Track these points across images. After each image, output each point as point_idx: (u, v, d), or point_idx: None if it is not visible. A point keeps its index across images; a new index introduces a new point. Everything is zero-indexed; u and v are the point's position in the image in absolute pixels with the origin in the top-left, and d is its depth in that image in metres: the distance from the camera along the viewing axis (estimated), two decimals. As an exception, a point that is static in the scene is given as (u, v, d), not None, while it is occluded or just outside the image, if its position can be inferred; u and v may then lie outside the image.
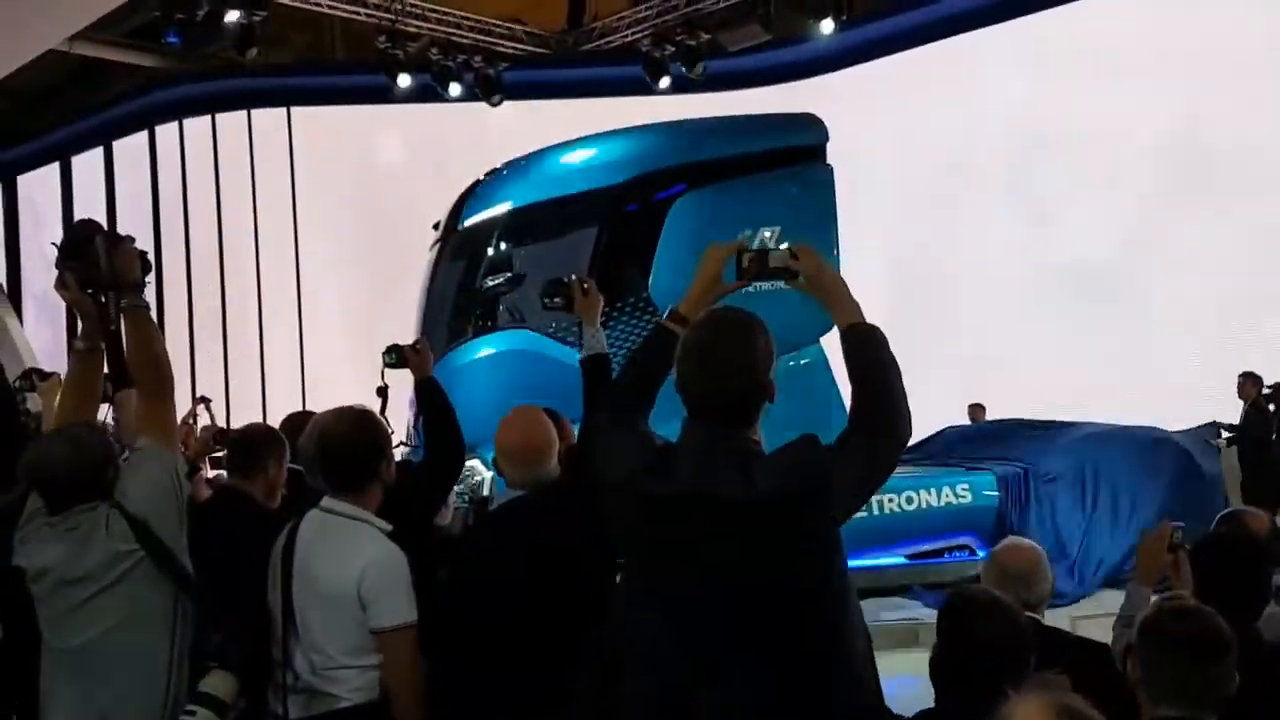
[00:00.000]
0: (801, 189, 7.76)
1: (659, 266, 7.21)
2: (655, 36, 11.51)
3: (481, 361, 7.25)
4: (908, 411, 1.96)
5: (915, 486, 7.57)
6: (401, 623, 2.39)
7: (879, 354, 1.99)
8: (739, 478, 1.87)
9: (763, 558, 1.86)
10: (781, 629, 1.87)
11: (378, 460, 2.55)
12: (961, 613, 2.31)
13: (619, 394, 2.17)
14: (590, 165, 7.71)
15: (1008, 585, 2.73)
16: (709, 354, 1.94)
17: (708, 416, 1.95)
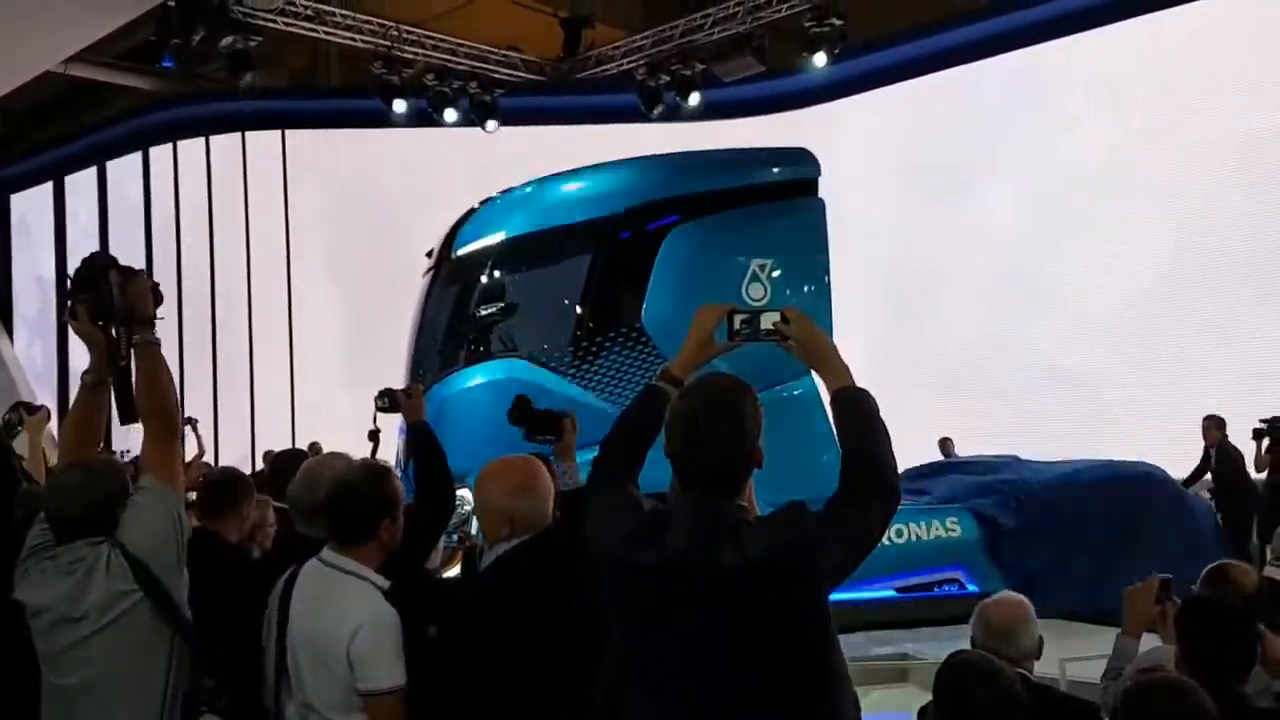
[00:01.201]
0: (793, 222, 7.79)
1: (652, 296, 7.23)
2: (650, 66, 11.58)
3: (473, 390, 7.24)
4: (896, 476, 1.96)
5: (905, 520, 7.57)
6: (389, 687, 2.35)
7: (868, 418, 1.99)
8: (728, 548, 1.87)
9: (753, 629, 1.85)
10: (772, 702, 1.86)
11: (385, 518, 2.50)
12: (958, 678, 2.34)
13: (609, 456, 2.16)
14: (585, 195, 7.74)
15: (993, 640, 2.77)
16: (698, 425, 1.94)
17: (697, 485, 1.95)
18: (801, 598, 1.86)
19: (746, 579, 1.85)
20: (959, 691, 2.34)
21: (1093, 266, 10.34)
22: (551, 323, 7.43)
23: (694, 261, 7.33)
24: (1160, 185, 9.95)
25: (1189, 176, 9.82)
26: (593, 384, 7.12)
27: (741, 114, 12.07)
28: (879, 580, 7.44)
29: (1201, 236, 9.75)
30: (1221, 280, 9.62)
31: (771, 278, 7.44)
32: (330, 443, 5.32)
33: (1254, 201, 9.49)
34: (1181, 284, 9.80)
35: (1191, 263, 9.80)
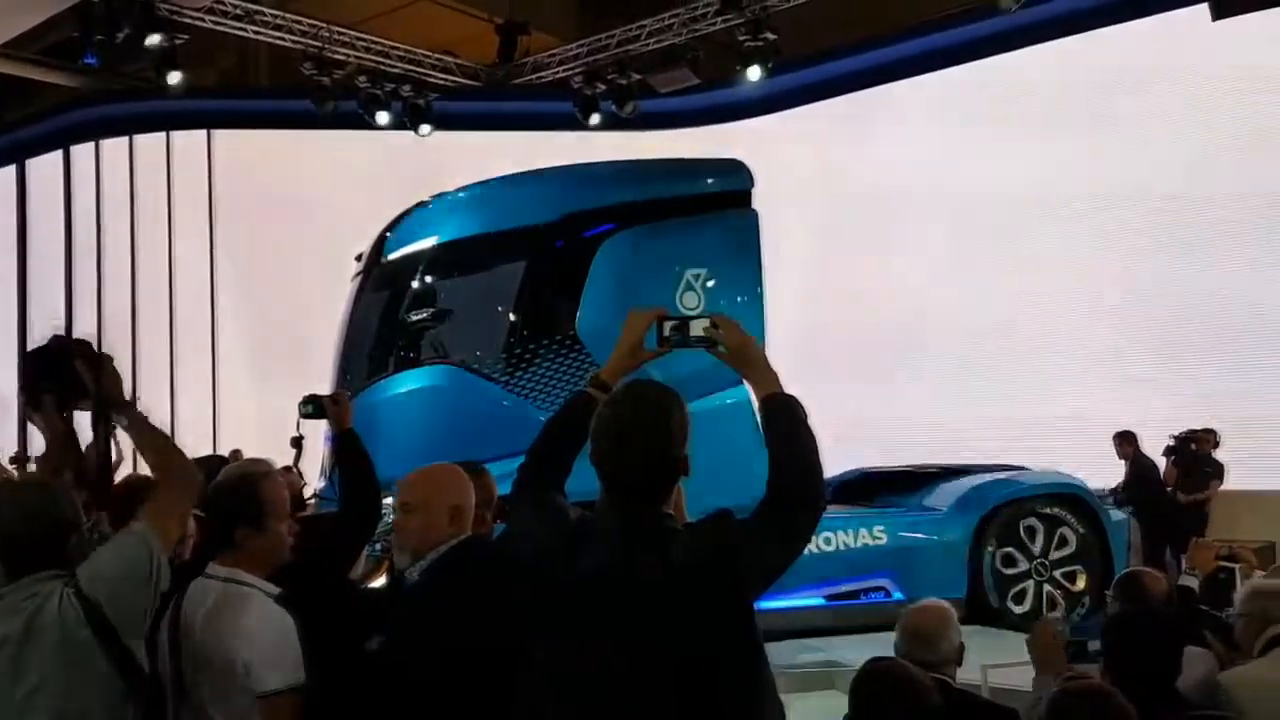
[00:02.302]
0: (728, 232, 7.83)
1: (586, 304, 7.20)
2: (587, 74, 11.58)
3: (403, 397, 7.14)
4: (823, 484, 1.97)
5: (834, 528, 7.65)
6: (278, 687, 2.30)
7: (797, 425, 1.99)
8: (654, 557, 1.87)
9: (678, 639, 1.84)
10: (699, 711, 1.85)
11: (240, 526, 2.45)
12: (872, 686, 2.37)
13: (534, 463, 2.14)
14: (519, 202, 7.69)
15: (915, 646, 2.82)
16: (623, 432, 1.94)
17: (622, 493, 1.95)
18: (727, 606, 1.86)
19: (671, 588, 1.84)
20: (873, 700, 2.37)
21: (1023, 283, 10.56)
22: (484, 329, 7.36)
23: (629, 270, 7.33)
24: (1092, 203, 10.20)
25: (1120, 195, 10.08)
26: (526, 391, 7.07)
27: (676, 125, 12.12)
28: (808, 588, 7.50)
29: (1131, 253, 10.02)
30: (1151, 289, 9.88)
31: (705, 288, 7.47)
32: (254, 450, 5.21)
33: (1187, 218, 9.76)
34: (1112, 296, 10.05)
35: (1121, 277, 10.07)
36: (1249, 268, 9.46)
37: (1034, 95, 10.66)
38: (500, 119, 12.31)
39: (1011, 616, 7.65)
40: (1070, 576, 7.85)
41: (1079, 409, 9.81)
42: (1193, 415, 9.04)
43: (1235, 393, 9.21)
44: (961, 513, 7.91)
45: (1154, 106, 9.90)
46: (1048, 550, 7.89)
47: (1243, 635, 3.25)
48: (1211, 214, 9.67)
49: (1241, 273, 9.50)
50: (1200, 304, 9.67)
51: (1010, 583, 7.79)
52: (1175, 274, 9.83)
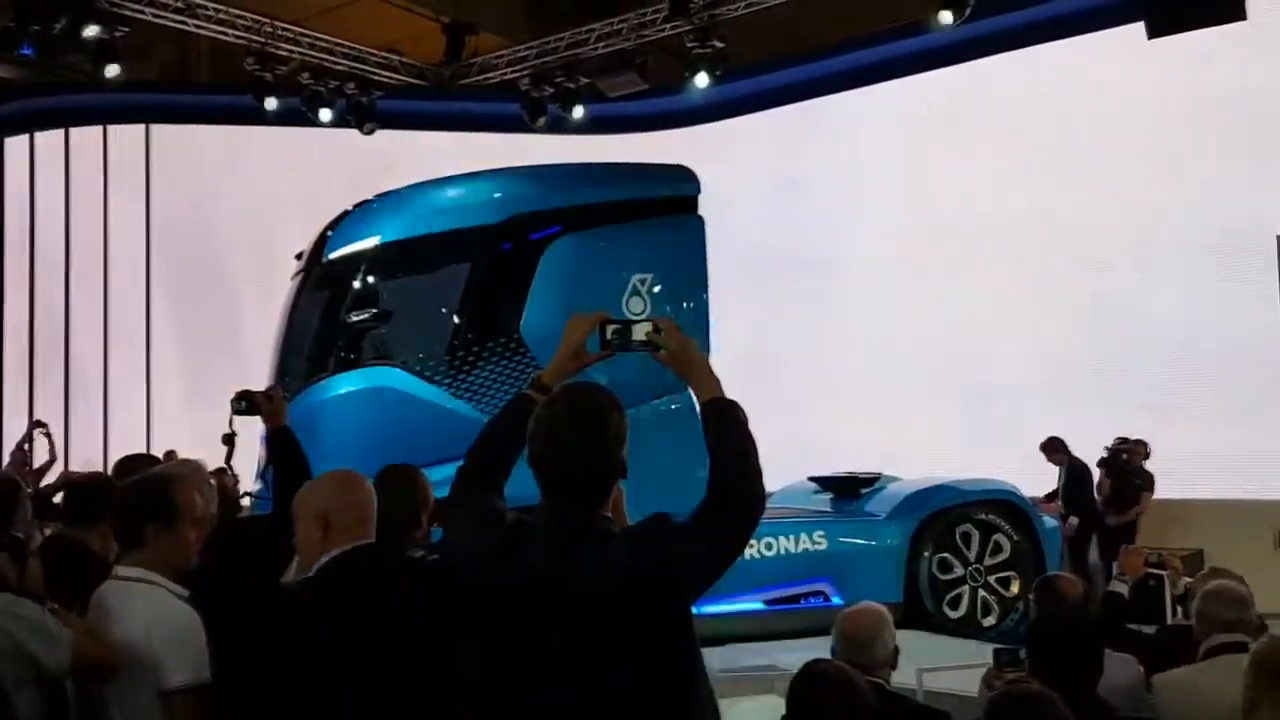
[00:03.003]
0: (674, 238, 7.87)
1: (531, 307, 7.18)
2: (534, 77, 11.55)
3: (342, 398, 7.05)
4: (762, 487, 1.98)
5: (775, 533, 7.71)
6: (179, 684, 2.27)
7: (736, 428, 2.00)
8: (590, 560, 1.86)
9: (614, 643, 1.84)
10: (635, 716, 1.85)
11: (152, 524, 2.42)
12: (810, 688, 2.41)
13: (471, 466, 2.13)
14: (465, 202, 7.65)
15: (850, 649, 2.87)
16: (560, 435, 1.93)
17: (559, 495, 1.94)
18: (665, 610, 1.86)
19: (608, 591, 1.84)
20: (811, 702, 2.40)
21: (966, 292, 10.73)
22: (427, 331, 7.31)
23: (575, 273, 7.33)
24: (1038, 216, 10.39)
25: (1063, 207, 10.29)
26: (469, 394, 7.03)
27: (625, 130, 12.14)
28: (748, 593, 7.55)
29: (1075, 264, 10.23)
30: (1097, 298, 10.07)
31: (652, 293, 7.49)
32: (188, 450, 5.12)
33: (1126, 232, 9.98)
34: (1054, 309, 10.25)
35: (1062, 287, 10.27)
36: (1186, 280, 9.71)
37: (979, 107, 10.85)
38: (446, 119, 12.23)
39: (947, 621, 7.78)
40: (1004, 582, 8.00)
41: (1015, 418, 9.99)
42: (1125, 425, 9.24)
43: (1166, 404, 9.43)
44: (899, 519, 8.02)
45: (1093, 120, 10.13)
46: (983, 556, 8.03)
47: (1198, 635, 3.35)
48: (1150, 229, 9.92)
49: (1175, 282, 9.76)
50: (1135, 316, 9.90)
51: (946, 588, 7.92)
52: (1108, 285, 10.08)
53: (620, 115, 12.11)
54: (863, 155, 11.58)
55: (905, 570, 7.86)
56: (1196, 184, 9.53)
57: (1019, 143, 10.49)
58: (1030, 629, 2.89)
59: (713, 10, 10.39)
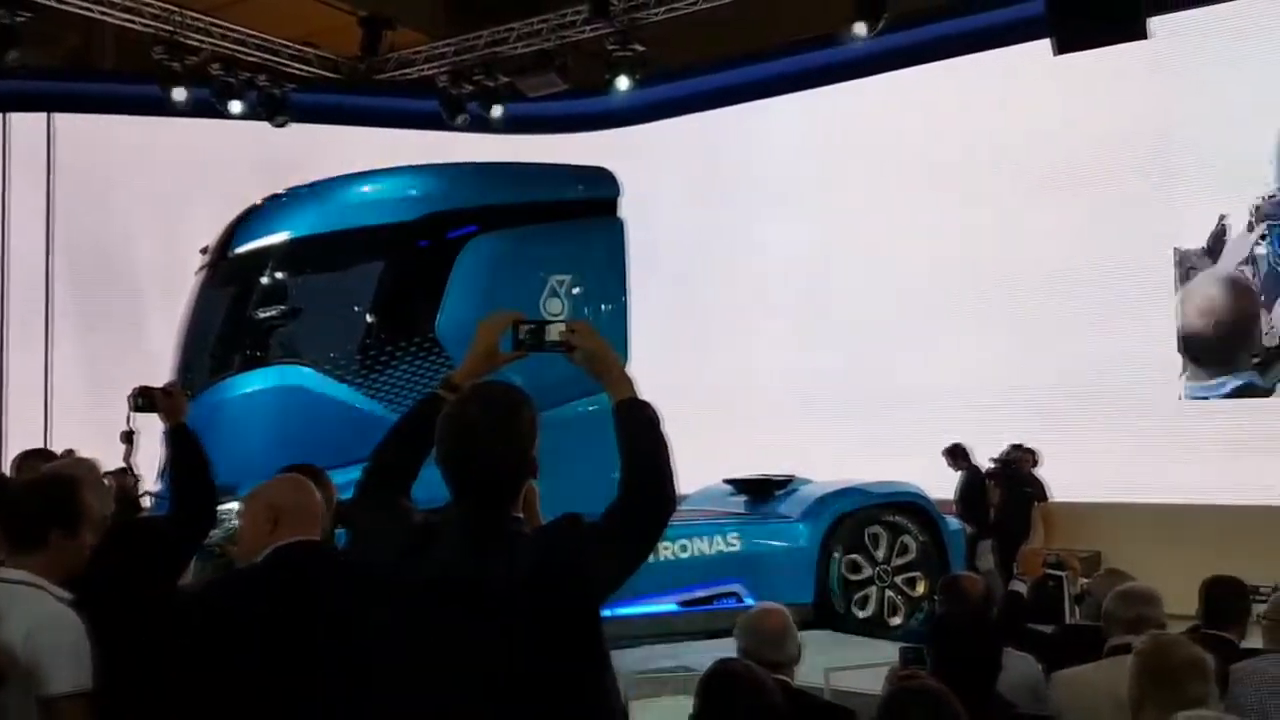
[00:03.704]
0: (594, 240, 7.86)
1: (447, 307, 7.09)
2: (453, 74, 11.44)
3: (248, 397, 6.89)
4: (673, 488, 1.97)
5: (690, 535, 7.75)
6: (68, 691, 2.20)
7: (649, 429, 1.99)
8: (499, 560, 1.84)
9: (522, 644, 1.83)
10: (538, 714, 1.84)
11: (56, 528, 2.35)
12: (719, 686, 2.43)
13: (377, 466, 2.09)
14: (379, 198, 7.53)
15: (760, 647, 2.91)
16: (469, 433, 1.91)
17: (468, 495, 1.92)
18: (573, 611, 1.85)
19: (517, 592, 1.82)
20: (720, 700, 2.43)
21: (881, 299, 10.93)
22: (338, 329, 7.17)
23: (492, 273, 7.27)
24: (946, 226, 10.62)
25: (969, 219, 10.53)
26: (381, 394, 6.91)
27: (544, 130, 12.09)
28: (663, 594, 7.58)
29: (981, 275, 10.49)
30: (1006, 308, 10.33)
31: (571, 294, 7.47)
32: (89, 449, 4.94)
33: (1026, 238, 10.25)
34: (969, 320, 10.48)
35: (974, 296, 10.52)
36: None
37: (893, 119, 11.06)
38: (361, 114, 12.03)
39: (855, 621, 7.91)
40: (911, 582, 8.16)
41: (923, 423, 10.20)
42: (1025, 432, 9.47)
43: (1064, 409, 9.72)
44: (811, 520, 8.13)
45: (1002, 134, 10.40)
46: (890, 557, 8.18)
47: (1106, 634, 3.46)
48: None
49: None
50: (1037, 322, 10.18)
51: (855, 588, 8.05)
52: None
53: (540, 115, 12.06)
54: (780, 162, 11.72)
55: (816, 571, 7.97)
56: (1099, 202, 9.86)
57: (929, 155, 10.73)
58: (932, 628, 2.96)
59: (633, 14, 10.42)
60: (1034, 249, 10.16)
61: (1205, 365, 9.54)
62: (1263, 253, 9.30)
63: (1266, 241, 9.22)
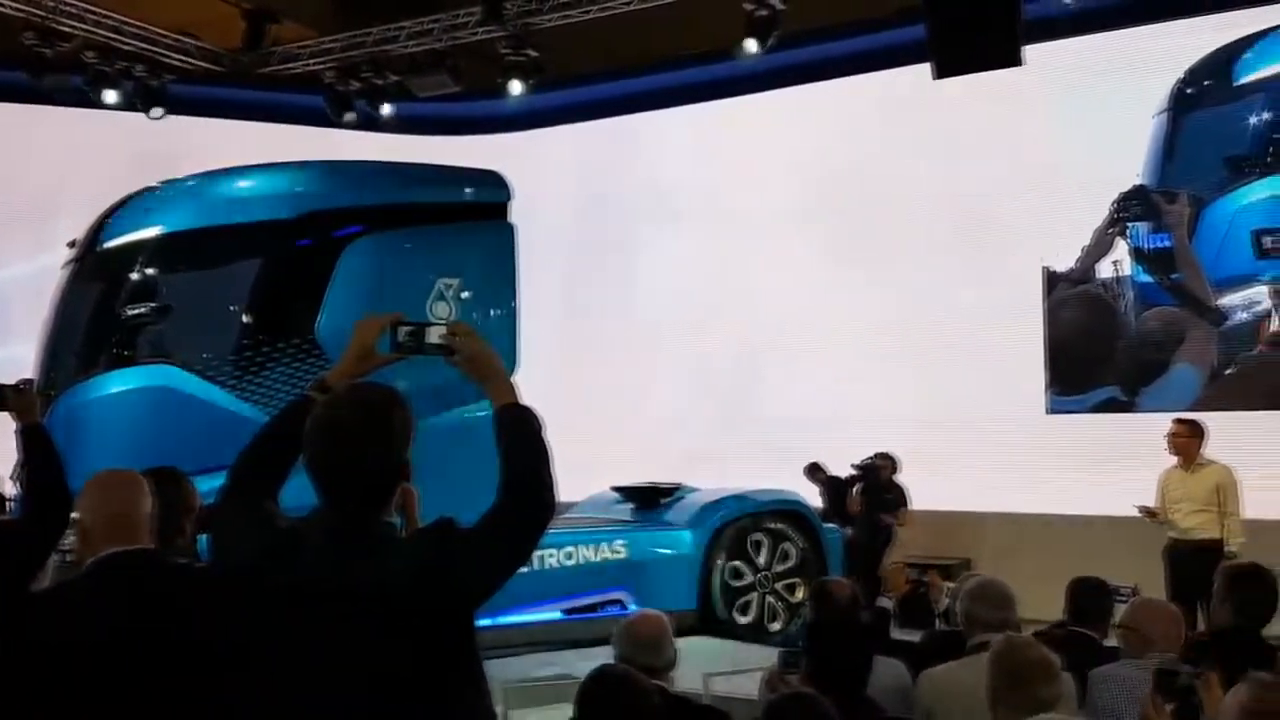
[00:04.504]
0: (483, 243, 7.79)
1: (329, 308, 6.92)
2: (340, 71, 11.20)
3: (115, 397, 6.60)
4: (552, 494, 1.96)
5: (576, 542, 7.73)
6: None
7: (531, 437, 1.98)
8: (368, 565, 1.80)
9: (391, 651, 1.78)
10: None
11: None
12: (597, 690, 2.45)
13: (243, 469, 2.03)
14: (261, 195, 7.31)
15: (638, 652, 2.94)
16: (340, 434, 1.86)
17: (337, 498, 1.87)
18: (444, 618, 1.81)
19: (386, 598, 1.77)
20: (597, 705, 2.45)
21: (766, 310, 11.11)
22: (212, 329, 6.92)
23: (377, 274, 7.13)
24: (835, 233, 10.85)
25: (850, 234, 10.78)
26: (256, 397, 6.70)
27: (434, 131, 11.95)
28: (547, 602, 7.55)
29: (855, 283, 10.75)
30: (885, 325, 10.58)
31: (459, 298, 7.38)
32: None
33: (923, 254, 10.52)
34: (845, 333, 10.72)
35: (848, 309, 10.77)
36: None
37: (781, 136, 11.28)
38: (242, 108, 11.69)
39: (737, 627, 8.01)
40: (791, 588, 8.30)
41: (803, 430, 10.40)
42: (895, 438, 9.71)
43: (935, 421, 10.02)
44: (695, 528, 8.20)
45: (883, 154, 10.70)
46: (771, 563, 8.31)
47: (966, 634, 3.58)
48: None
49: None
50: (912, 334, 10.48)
51: (737, 594, 8.15)
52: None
53: (431, 116, 11.91)
54: (671, 174, 11.82)
55: (700, 578, 8.04)
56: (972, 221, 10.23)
57: (811, 174, 10.96)
58: (806, 632, 3.02)
59: (527, 19, 10.37)
60: (908, 265, 10.48)
61: (1070, 380, 9.97)
62: (1127, 273, 9.78)
63: (1126, 237, 9.71)
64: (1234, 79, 9.40)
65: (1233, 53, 9.36)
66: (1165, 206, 9.59)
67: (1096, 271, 9.89)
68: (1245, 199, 9.29)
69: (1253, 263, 9.24)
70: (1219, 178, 9.40)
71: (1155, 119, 9.60)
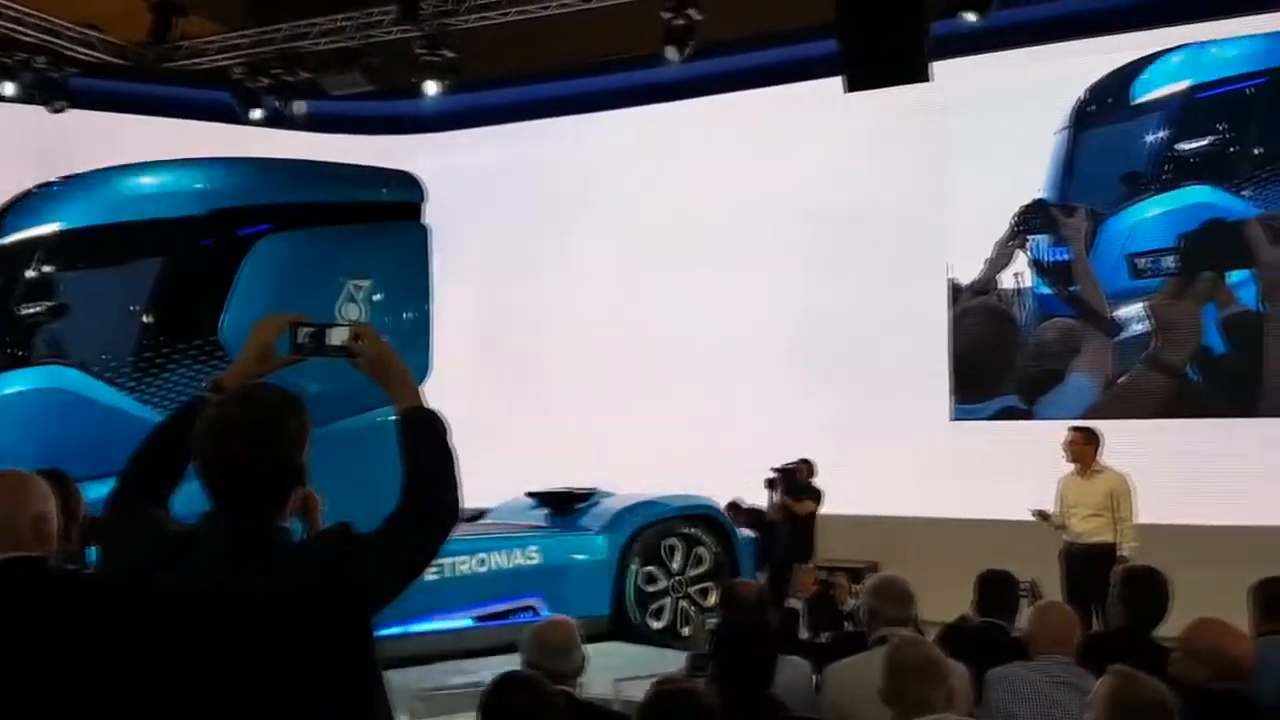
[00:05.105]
0: (396, 244, 7.66)
1: (233, 308, 6.74)
2: (249, 67, 10.96)
3: (8, 399, 6.34)
4: (457, 500, 1.93)
5: (489, 548, 7.68)
6: None
7: (435, 440, 1.95)
8: (260, 571, 1.76)
9: (285, 659, 1.75)
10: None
11: None
12: (501, 695, 2.45)
13: (132, 472, 1.98)
14: (164, 191, 7.09)
15: (546, 658, 2.95)
16: (230, 433, 1.82)
17: (229, 501, 1.83)
18: (340, 625, 1.77)
19: (279, 605, 1.74)
20: (502, 710, 2.45)
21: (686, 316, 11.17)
22: (111, 329, 6.69)
23: (284, 275, 6.97)
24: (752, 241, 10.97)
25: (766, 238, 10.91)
26: (156, 400, 6.50)
27: (347, 130, 11.77)
28: (459, 609, 7.47)
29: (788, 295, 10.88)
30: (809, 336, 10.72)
31: (371, 300, 7.26)
32: None
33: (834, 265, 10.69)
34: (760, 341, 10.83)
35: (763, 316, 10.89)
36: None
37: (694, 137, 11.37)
38: (147, 102, 11.37)
39: (650, 632, 8.03)
40: (704, 593, 8.36)
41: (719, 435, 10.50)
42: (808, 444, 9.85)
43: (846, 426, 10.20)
44: (610, 533, 8.21)
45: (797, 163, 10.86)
46: (685, 568, 8.36)
47: (868, 630, 3.68)
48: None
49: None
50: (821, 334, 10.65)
51: (650, 599, 8.18)
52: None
53: (344, 114, 11.74)
54: (589, 180, 11.83)
55: (614, 583, 8.05)
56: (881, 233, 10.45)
57: (727, 183, 11.07)
58: (714, 633, 3.06)
59: (443, 19, 10.28)
60: (819, 275, 10.67)
61: (973, 388, 10.24)
62: (1028, 285, 10.08)
63: (1027, 250, 10.01)
64: (1131, 98, 9.75)
65: (1131, 73, 9.72)
66: (1064, 220, 9.91)
67: (998, 283, 10.17)
68: (1140, 215, 9.66)
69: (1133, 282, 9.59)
70: (1116, 193, 9.75)
71: (1056, 136, 9.92)
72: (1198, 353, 9.32)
